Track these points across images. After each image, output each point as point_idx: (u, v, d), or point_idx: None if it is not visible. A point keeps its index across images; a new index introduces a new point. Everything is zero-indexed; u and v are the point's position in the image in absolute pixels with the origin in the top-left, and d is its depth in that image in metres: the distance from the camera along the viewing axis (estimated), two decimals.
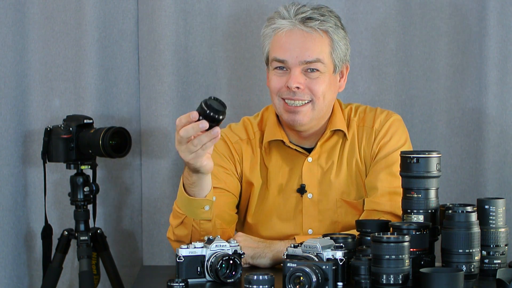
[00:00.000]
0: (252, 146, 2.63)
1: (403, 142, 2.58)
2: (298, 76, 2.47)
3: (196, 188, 2.34)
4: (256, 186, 2.60)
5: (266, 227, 2.59)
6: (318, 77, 2.49)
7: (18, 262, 3.20)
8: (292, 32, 2.49)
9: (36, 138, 3.16)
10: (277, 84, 2.51)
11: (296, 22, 2.48)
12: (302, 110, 2.49)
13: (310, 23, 2.48)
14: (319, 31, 2.48)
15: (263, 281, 1.96)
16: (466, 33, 3.12)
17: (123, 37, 3.19)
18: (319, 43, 2.48)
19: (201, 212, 2.36)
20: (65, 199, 3.07)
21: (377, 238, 2.01)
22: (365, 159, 2.58)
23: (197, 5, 3.16)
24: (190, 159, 2.23)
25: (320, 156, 2.58)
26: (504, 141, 3.10)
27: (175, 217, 2.43)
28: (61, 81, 3.19)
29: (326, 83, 2.50)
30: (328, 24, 2.49)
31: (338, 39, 2.51)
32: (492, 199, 2.20)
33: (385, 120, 2.59)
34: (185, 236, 2.41)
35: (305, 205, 2.57)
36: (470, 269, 2.07)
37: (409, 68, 3.17)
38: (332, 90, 2.53)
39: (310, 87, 2.48)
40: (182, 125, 2.18)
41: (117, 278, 3.03)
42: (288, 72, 2.49)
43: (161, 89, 3.14)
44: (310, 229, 2.56)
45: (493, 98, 3.09)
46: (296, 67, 2.47)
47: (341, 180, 2.57)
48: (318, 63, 2.48)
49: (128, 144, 2.94)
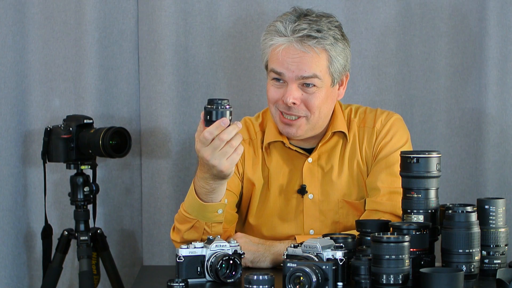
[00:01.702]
0: (254, 146, 2.63)
1: (404, 142, 2.58)
2: (294, 92, 2.46)
3: (215, 195, 2.34)
4: (258, 187, 2.60)
5: (268, 227, 2.59)
6: (315, 92, 2.47)
7: (18, 262, 3.20)
8: (289, 49, 2.46)
9: (36, 138, 3.16)
10: (274, 95, 2.51)
11: (293, 40, 2.45)
12: (296, 123, 2.50)
13: (308, 41, 2.44)
14: (316, 50, 2.45)
15: (263, 281, 1.96)
16: (466, 33, 3.12)
17: (123, 37, 3.19)
18: (316, 60, 2.46)
19: (214, 216, 2.36)
20: (65, 199, 3.07)
21: (377, 238, 2.01)
22: (366, 159, 2.58)
23: (197, 5, 3.16)
24: (227, 166, 2.23)
25: (320, 157, 2.59)
26: (504, 141, 3.10)
27: (184, 222, 2.41)
28: (61, 81, 3.19)
29: (322, 97, 2.49)
30: (325, 42, 2.46)
31: (336, 54, 2.48)
32: (492, 199, 2.20)
33: (386, 120, 2.59)
34: (196, 239, 2.39)
35: (306, 205, 2.57)
36: (470, 269, 2.07)
37: (409, 68, 3.16)
38: (329, 102, 2.53)
39: (306, 102, 2.48)
40: (208, 136, 2.21)
41: (117, 278, 3.03)
42: (285, 85, 2.48)
43: (161, 89, 3.14)
44: (311, 229, 2.56)
45: (493, 98, 3.09)
46: (292, 82, 2.46)
47: (342, 181, 2.57)
48: (315, 79, 2.46)
49: (128, 144, 2.94)
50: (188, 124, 3.17)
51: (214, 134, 2.21)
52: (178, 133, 3.16)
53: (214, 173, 2.27)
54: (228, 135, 2.21)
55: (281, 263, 2.11)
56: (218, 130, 2.20)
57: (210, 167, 2.24)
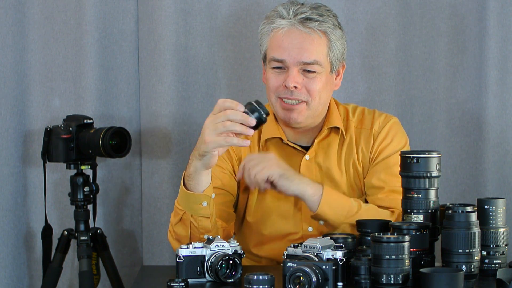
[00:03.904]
0: (250, 143, 2.63)
1: (403, 144, 2.59)
2: (296, 76, 2.48)
3: (193, 182, 2.35)
4: None
5: (266, 225, 2.59)
6: (315, 77, 2.50)
7: (18, 262, 3.21)
8: (291, 32, 2.49)
9: (36, 138, 3.16)
10: (275, 83, 2.52)
11: (295, 22, 2.49)
12: (297, 108, 2.51)
13: (309, 23, 2.49)
14: (318, 32, 2.49)
15: (263, 281, 1.96)
16: (466, 33, 3.12)
17: (123, 37, 3.19)
18: (317, 44, 2.49)
19: (199, 208, 2.37)
20: (65, 199, 3.07)
21: (377, 238, 2.01)
22: (363, 161, 2.59)
23: (197, 5, 3.17)
24: (211, 140, 2.24)
25: (317, 154, 2.59)
26: (504, 141, 3.10)
27: (175, 215, 2.44)
28: (61, 81, 3.19)
29: (323, 83, 2.51)
30: (326, 25, 2.50)
31: (335, 39, 2.52)
32: (492, 199, 2.20)
33: (384, 123, 2.60)
34: (185, 236, 2.41)
35: (303, 203, 2.57)
36: (470, 269, 2.07)
37: (409, 68, 3.17)
38: (328, 89, 2.55)
39: (307, 87, 2.50)
40: (227, 107, 2.22)
41: (117, 278, 3.03)
42: (285, 71, 2.50)
43: (161, 89, 3.14)
44: (310, 227, 2.57)
45: (493, 98, 3.09)
46: (294, 66, 2.48)
47: (338, 179, 2.58)
48: (315, 65, 2.49)
49: (128, 144, 2.94)
50: (188, 124, 3.17)
51: (228, 107, 2.23)
52: (178, 133, 3.16)
53: (198, 146, 2.29)
54: (235, 116, 2.22)
55: (281, 261, 2.11)
56: (236, 114, 2.22)
57: (200, 136, 2.27)
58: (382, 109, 2.70)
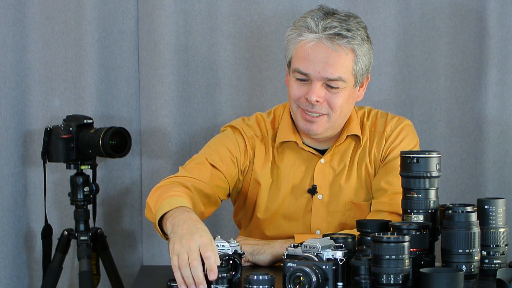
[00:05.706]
0: (265, 144, 2.62)
1: (412, 146, 2.58)
2: (319, 90, 2.46)
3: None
4: (264, 184, 2.59)
5: (273, 226, 2.59)
6: (338, 92, 2.47)
7: (18, 262, 3.21)
8: (317, 47, 2.45)
9: (36, 138, 3.17)
10: (297, 93, 2.50)
11: (322, 37, 2.44)
12: (318, 120, 2.49)
13: (337, 40, 2.44)
14: (345, 49, 2.45)
15: (263, 281, 1.96)
16: (466, 33, 3.12)
17: (123, 37, 3.19)
18: (343, 60, 2.45)
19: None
20: (65, 199, 3.07)
21: (377, 238, 2.00)
22: (374, 163, 2.58)
23: (197, 5, 3.16)
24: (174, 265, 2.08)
25: (332, 158, 2.58)
26: (504, 141, 3.10)
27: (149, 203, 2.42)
28: (61, 81, 3.19)
29: (345, 97, 2.49)
30: (354, 42, 2.45)
31: (362, 54, 2.48)
32: (492, 199, 2.20)
33: (395, 126, 2.59)
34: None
35: (314, 205, 2.57)
36: (470, 269, 2.07)
37: (409, 68, 3.17)
38: (350, 102, 2.53)
39: (328, 101, 2.47)
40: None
41: (117, 278, 3.03)
42: (309, 83, 2.47)
43: (161, 89, 3.14)
44: (318, 229, 2.57)
45: (493, 98, 3.09)
46: (317, 81, 2.45)
47: (351, 183, 2.57)
48: (339, 81, 2.45)
49: (128, 144, 2.94)
50: (188, 124, 3.17)
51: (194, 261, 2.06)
52: (178, 133, 3.16)
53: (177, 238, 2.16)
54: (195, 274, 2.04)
55: (281, 262, 2.11)
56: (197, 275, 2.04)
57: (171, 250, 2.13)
58: (382, 109, 2.69)
